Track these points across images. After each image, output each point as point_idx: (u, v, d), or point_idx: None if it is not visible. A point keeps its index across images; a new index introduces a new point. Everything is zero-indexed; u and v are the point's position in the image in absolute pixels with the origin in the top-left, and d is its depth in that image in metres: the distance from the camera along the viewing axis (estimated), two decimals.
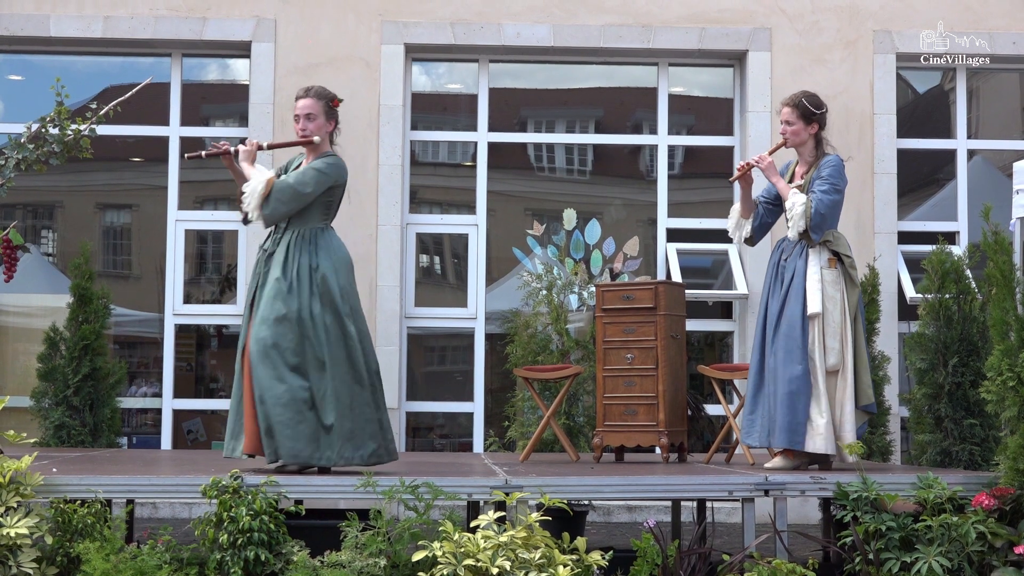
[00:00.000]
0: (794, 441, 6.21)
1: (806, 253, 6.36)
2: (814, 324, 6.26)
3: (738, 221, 6.72)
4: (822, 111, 6.46)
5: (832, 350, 6.25)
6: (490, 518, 5.23)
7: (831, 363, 6.24)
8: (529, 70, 11.31)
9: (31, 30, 10.53)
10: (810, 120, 6.44)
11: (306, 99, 6.11)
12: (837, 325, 6.27)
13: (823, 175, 6.35)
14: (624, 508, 10.27)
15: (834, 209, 6.33)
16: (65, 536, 5.33)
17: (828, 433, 6.18)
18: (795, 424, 6.21)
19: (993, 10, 10.71)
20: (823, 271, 6.32)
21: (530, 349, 8.92)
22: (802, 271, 6.35)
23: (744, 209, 6.66)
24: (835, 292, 6.31)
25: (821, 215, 6.27)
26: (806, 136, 6.46)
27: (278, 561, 5.27)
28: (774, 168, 6.47)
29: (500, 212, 11.33)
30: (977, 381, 7.32)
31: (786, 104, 6.49)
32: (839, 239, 6.38)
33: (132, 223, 12.68)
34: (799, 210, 6.27)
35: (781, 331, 6.32)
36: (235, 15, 10.60)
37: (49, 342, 8.70)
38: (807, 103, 6.43)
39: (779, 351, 6.30)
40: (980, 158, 11.17)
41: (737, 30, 10.70)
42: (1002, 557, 5.31)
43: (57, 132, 6.48)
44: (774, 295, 6.43)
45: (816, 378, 6.23)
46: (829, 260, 6.34)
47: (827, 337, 6.25)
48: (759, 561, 5.36)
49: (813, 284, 6.29)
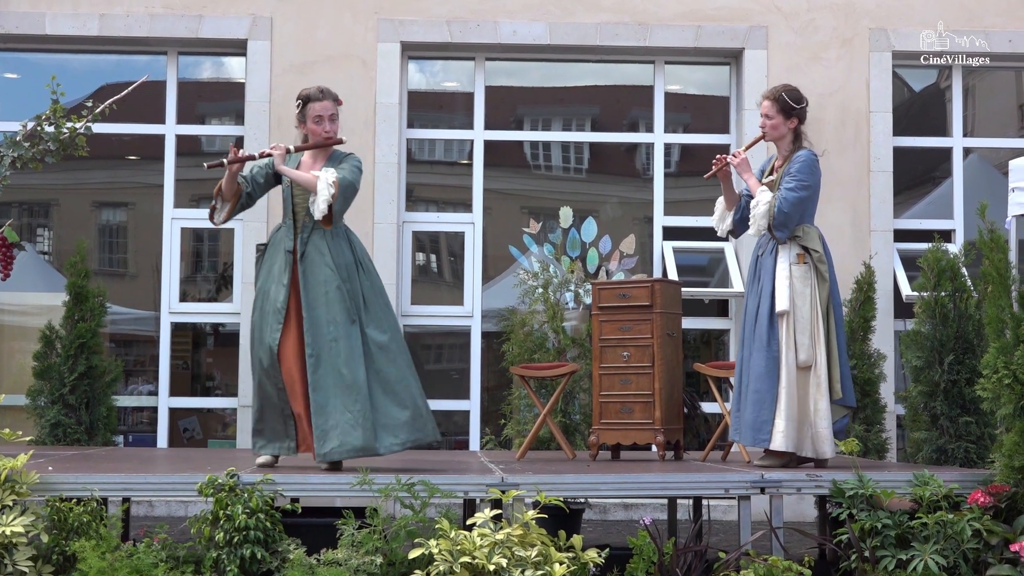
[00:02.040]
0: (758, 439, 6.21)
1: (776, 250, 6.35)
2: (783, 321, 6.24)
3: (722, 213, 6.71)
4: (802, 105, 6.43)
5: (803, 346, 6.20)
6: (486, 516, 5.23)
7: (802, 359, 6.20)
8: (525, 68, 11.31)
9: (26, 28, 10.52)
10: (789, 114, 6.41)
11: (326, 101, 6.11)
12: (807, 321, 6.23)
13: (792, 171, 6.31)
14: (620, 506, 10.27)
15: (799, 206, 6.27)
16: (61, 534, 5.32)
17: (790, 431, 6.15)
18: (760, 422, 6.20)
19: (989, 8, 10.72)
20: (792, 267, 6.28)
21: (526, 347, 8.93)
22: (771, 268, 6.34)
23: (728, 202, 6.66)
24: (804, 288, 6.26)
25: (785, 213, 6.24)
26: (785, 130, 6.43)
27: (274, 559, 5.27)
28: (747, 165, 6.47)
29: (496, 210, 11.33)
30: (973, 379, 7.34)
31: (766, 97, 6.46)
32: (808, 234, 6.31)
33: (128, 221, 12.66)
34: (762, 209, 6.27)
35: (754, 329, 6.33)
36: (231, 13, 10.59)
37: (45, 340, 8.69)
38: (787, 97, 6.41)
39: (752, 349, 6.31)
40: (976, 156, 11.17)
41: (733, 28, 10.70)
42: (997, 554, 5.31)
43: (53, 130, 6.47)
44: (752, 292, 6.44)
45: (781, 376, 6.22)
46: (798, 256, 6.30)
47: (797, 333, 6.22)
48: (755, 559, 5.36)
49: (781, 281, 6.26)
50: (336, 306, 5.95)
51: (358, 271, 6.06)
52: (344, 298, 5.95)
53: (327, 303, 5.95)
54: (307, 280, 5.98)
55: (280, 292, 6.00)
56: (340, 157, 6.15)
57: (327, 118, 6.09)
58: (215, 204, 6.19)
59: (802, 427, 6.20)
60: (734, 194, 6.64)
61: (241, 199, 6.19)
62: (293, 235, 6.07)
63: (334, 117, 6.12)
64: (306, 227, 6.05)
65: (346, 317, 5.94)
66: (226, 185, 6.10)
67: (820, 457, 6.21)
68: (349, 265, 6.04)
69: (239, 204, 6.21)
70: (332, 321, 5.93)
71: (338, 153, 6.18)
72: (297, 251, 6.03)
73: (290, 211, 6.13)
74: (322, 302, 5.95)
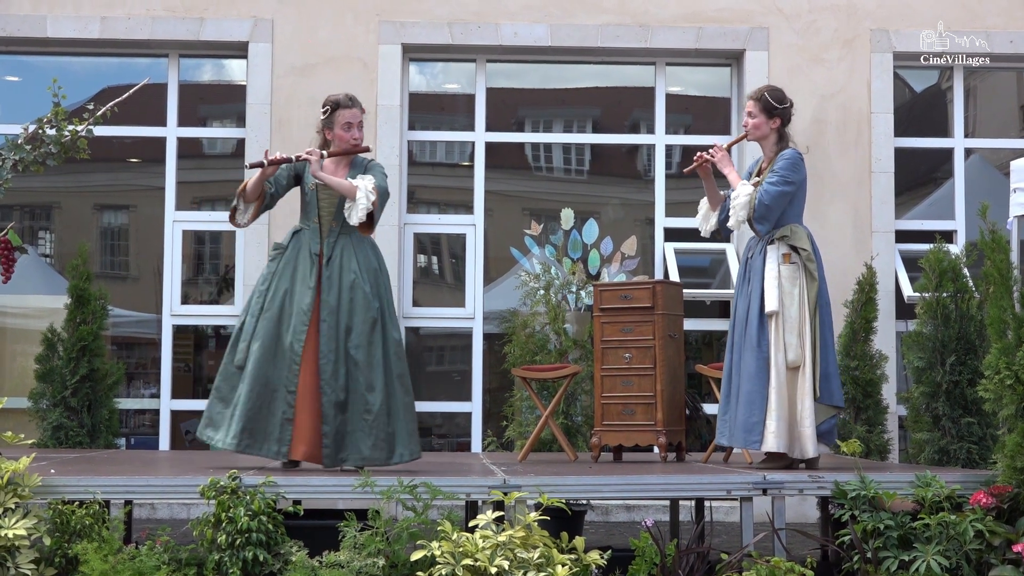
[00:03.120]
0: (749, 441, 6.21)
1: (765, 250, 6.35)
2: (772, 321, 6.24)
3: (706, 213, 6.71)
4: (785, 106, 6.43)
5: (791, 346, 6.20)
6: (488, 518, 5.23)
7: (791, 359, 6.20)
8: (526, 70, 11.31)
9: (28, 31, 10.52)
10: (772, 114, 6.42)
11: (355, 109, 6.18)
12: (795, 321, 6.22)
13: (776, 168, 6.33)
14: (622, 507, 10.27)
15: (780, 200, 6.26)
16: (63, 537, 5.32)
17: (781, 431, 6.15)
18: (751, 423, 6.20)
19: (990, 8, 10.72)
20: (780, 267, 6.28)
21: (528, 349, 8.92)
22: (760, 269, 6.34)
23: (712, 202, 6.67)
24: (792, 288, 6.25)
25: (765, 205, 6.24)
26: (767, 130, 6.44)
27: (276, 561, 5.26)
28: (727, 159, 6.47)
29: (498, 212, 11.33)
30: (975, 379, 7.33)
31: (750, 97, 6.48)
32: (796, 233, 6.31)
33: (130, 224, 12.68)
34: (742, 200, 6.28)
35: (745, 331, 6.33)
36: (232, 15, 10.60)
37: (47, 343, 8.69)
38: (769, 97, 6.42)
39: (742, 351, 6.31)
40: (977, 157, 11.17)
41: (734, 29, 10.70)
42: (1000, 555, 5.31)
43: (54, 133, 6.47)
44: (741, 294, 6.44)
45: (771, 376, 6.21)
46: (784, 255, 6.30)
47: (786, 333, 6.22)
48: (757, 560, 5.36)
49: (770, 281, 6.26)
50: (359, 312, 5.98)
51: (380, 276, 6.12)
52: (369, 304, 5.99)
53: (351, 309, 5.98)
54: (332, 285, 6.01)
55: (307, 295, 6.01)
56: (363, 164, 6.20)
57: (356, 125, 6.16)
58: (237, 205, 6.21)
59: (792, 428, 6.21)
60: (718, 195, 6.65)
61: (265, 200, 6.23)
62: (320, 239, 6.10)
63: (361, 125, 6.20)
64: (332, 231, 6.09)
65: (368, 324, 5.98)
66: (253, 187, 6.11)
67: (803, 457, 6.20)
68: (375, 271, 6.09)
69: (263, 206, 6.25)
70: (351, 327, 5.96)
71: (359, 160, 6.21)
72: (323, 255, 6.06)
73: (315, 215, 6.14)
74: (345, 308, 5.98)
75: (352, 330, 5.97)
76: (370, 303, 6.00)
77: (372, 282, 6.05)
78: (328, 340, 5.96)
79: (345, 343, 5.97)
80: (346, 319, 5.98)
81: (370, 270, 6.07)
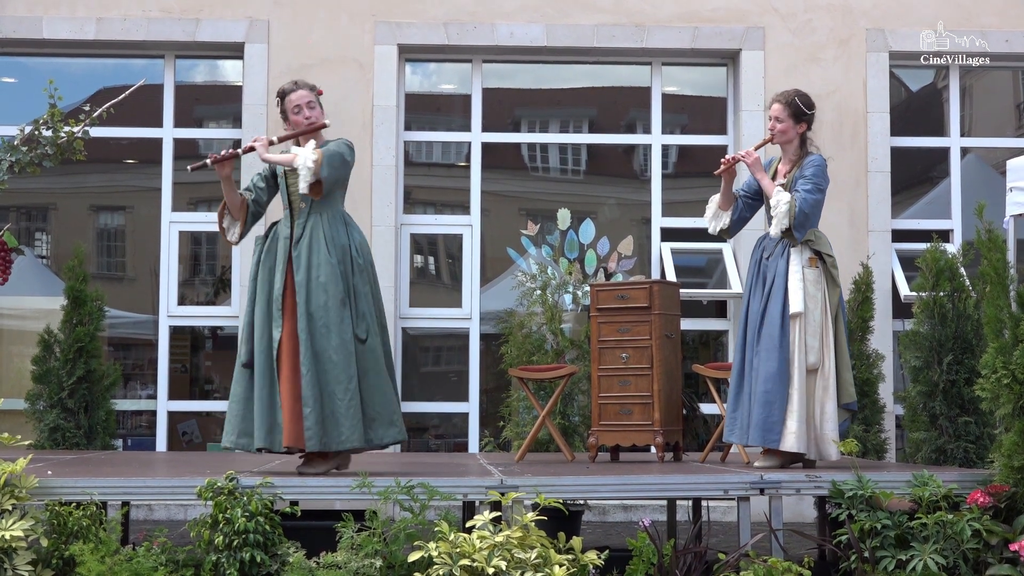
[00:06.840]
0: (768, 439, 6.22)
1: (788, 252, 6.36)
2: (795, 323, 6.26)
3: (716, 212, 6.71)
4: (812, 111, 6.46)
5: (812, 349, 6.25)
6: (486, 518, 5.23)
7: (811, 362, 6.24)
8: (522, 70, 11.31)
9: (24, 32, 10.51)
10: (800, 119, 6.43)
11: (300, 90, 6.11)
12: (818, 324, 6.27)
13: (807, 174, 6.34)
14: (620, 507, 10.27)
15: (817, 208, 6.32)
16: (60, 538, 5.32)
17: (801, 432, 6.18)
18: (770, 423, 6.22)
19: (985, 8, 10.73)
20: (805, 270, 6.31)
21: (525, 349, 8.92)
22: (784, 270, 6.34)
23: (724, 201, 6.66)
24: (816, 291, 6.30)
25: (805, 214, 6.26)
26: (793, 135, 6.45)
27: (274, 562, 5.26)
28: (760, 164, 6.47)
29: (494, 212, 11.33)
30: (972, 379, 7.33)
31: (777, 100, 6.47)
32: (820, 238, 6.37)
33: (126, 225, 12.66)
34: (783, 208, 6.27)
35: (762, 330, 6.33)
36: (228, 16, 10.59)
37: (43, 344, 8.68)
38: (799, 102, 6.42)
39: (760, 350, 6.31)
40: (973, 156, 11.18)
41: (730, 29, 10.70)
42: (997, 554, 5.32)
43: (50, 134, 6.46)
44: (755, 294, 6.44)
45: (793, 377, 6.23)
46: (810, 259, 6.33)
47: (808, 336, 6.26)
48: (755, 560, 5.36)
49: (795, 284, 6.29)
50: (330, 288, 5.86)
51: (350, 251, 5.97)
52: (337, 280, 5.88)
53: (321, 287, 5.86)
54: (300, 264, 5.92)
55: (278, 280, 5.95)
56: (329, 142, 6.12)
57: (305, 106, 6.08)
58: (223, 225, 6.17)
59: (809, 429, 6.23)
60: (731, 194, 6.64)
61: (249, 210, 6.17)
62: (291, 222, 6.05)
63: (312, 104, 6.10)
64: (302, 212, 6.02)
65: (338, 301, 5.87)
66: (227, 198, 6.07)
67: (825, 459, 6.24)
68: (343, 247, 5.97)
69: (249, 216, 6.18)
70: (323, 306, 5.86)
71: (328, 140, 6.14)
72: (293, 236, 6.00)
73: (286, 200, 6.11)
74: (315, 286, 5.87)
75: (320, 308, 5.85)
76: (336, 279, 5.88)
77: (340, 257, 5.92)
78: (301, 320, 5.86)
79: (313, 323, 5.84)
80: (315, 297, 5.86)
81: (338, 246, 5.94)
